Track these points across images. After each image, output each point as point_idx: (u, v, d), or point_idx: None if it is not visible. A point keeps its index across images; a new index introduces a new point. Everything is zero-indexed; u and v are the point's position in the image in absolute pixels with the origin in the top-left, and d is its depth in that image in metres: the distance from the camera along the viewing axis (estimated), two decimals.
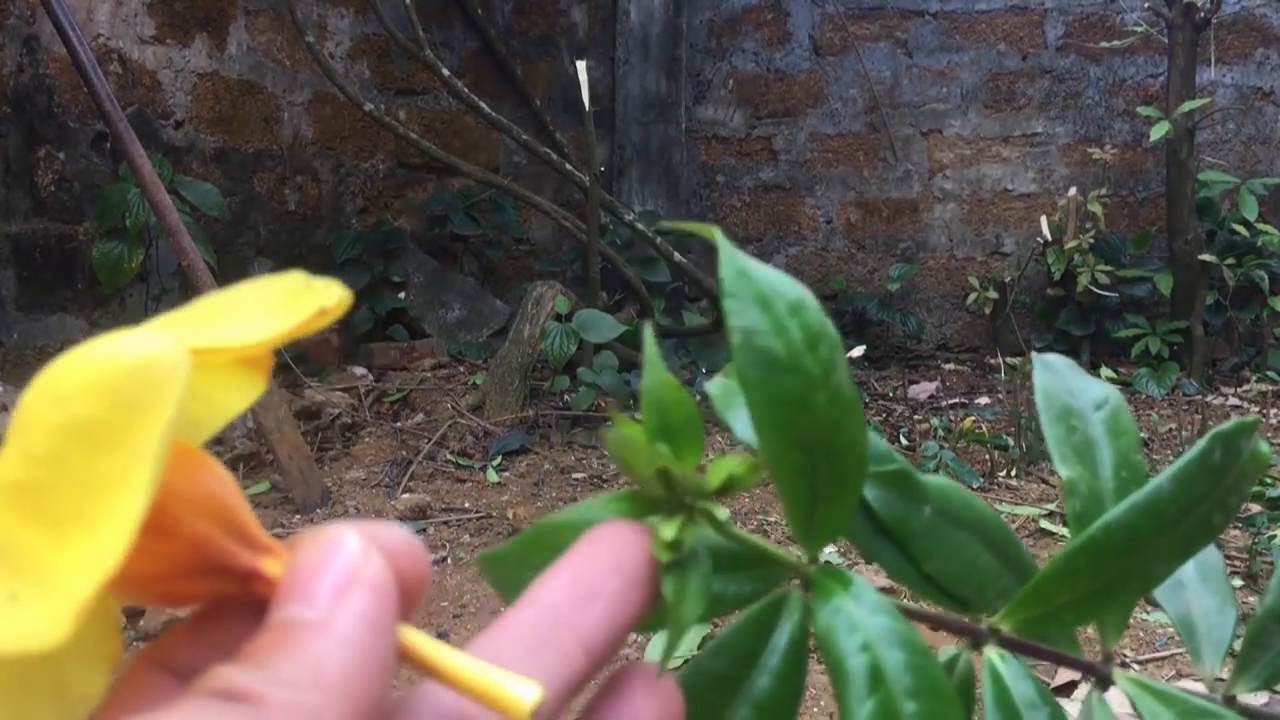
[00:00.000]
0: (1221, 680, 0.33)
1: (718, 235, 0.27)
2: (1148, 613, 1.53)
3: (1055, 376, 0.35)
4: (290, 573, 0.19)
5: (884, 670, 0.25)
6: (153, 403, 0.17)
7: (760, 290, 0.26)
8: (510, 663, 0.21)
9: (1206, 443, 0.28)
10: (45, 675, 0.19)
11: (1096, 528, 0.28)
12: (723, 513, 0.25)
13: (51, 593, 0.17)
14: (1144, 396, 2.91)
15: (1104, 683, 0.31)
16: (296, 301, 0.21)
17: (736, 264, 0.26)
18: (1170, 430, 2.55)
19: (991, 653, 0.29)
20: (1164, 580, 0.30)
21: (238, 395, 0.23)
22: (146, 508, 0.17)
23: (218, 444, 2.13)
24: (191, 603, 0.20)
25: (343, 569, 0.19)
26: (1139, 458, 0.33)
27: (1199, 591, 0.36)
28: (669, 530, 0.24)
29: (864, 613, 0.26)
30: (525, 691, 0.20)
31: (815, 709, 1.29)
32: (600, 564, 0.23)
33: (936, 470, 2.06)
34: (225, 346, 0.20)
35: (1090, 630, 0.32)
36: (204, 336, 0.20)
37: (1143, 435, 2.55)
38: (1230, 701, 0.31)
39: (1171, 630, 1.48)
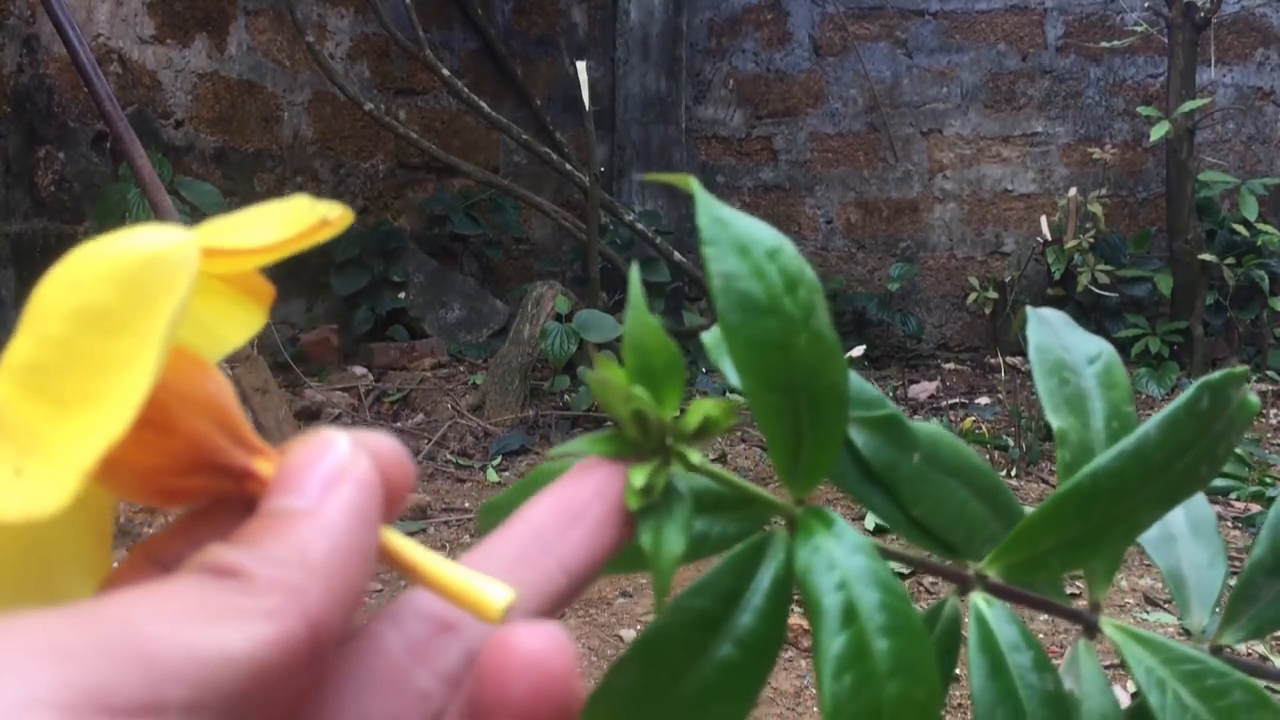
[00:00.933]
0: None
1: (694, 184, 0.27)
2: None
3: (1049, 330, 0.35)
4: (282, 469, 0.20)
5: (858, 608, 0.25)
6: (163, 291, 0.18)
7: (738, 237, 0.27)
8: (491, 573, 0.21)
9: (1195, 390, 0.29)
10: (36, 580, 0.20)
11: (1084, 473, 0.29)
12: (696, 456, 0.25)
13: (54, 463, 0.17)
14: (1144, 396, 2.91)
15: (1091, 630, 0.31)
16: (301, 215, 0.22)
17: (713, 212, 0.27)
18: None
19: (977, 597, 0.29)
20: (1149, 527, 0.30)
21: (239, 327, 0.24)
22: (149, 389, 0.18)
23: None
24: (185, 501, 0.21)
25: (332, 465, 0.20)
26: (1130, 409, 0.34)
27: (1190, 545, 0.36)
28: (639, 476, 0.24)
29: (843, 552, 0.26)
30: (498, 594, 0.20)
31: (815, 709, 1.29)
32: (584, 490, 0.24)
33: None
34: (234, 248, 0.21)
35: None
36: (215, 239, 0.21)
37: None
38: (1217, 651, 0.31)
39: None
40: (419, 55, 2.87)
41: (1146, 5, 3.12)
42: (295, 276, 3.18)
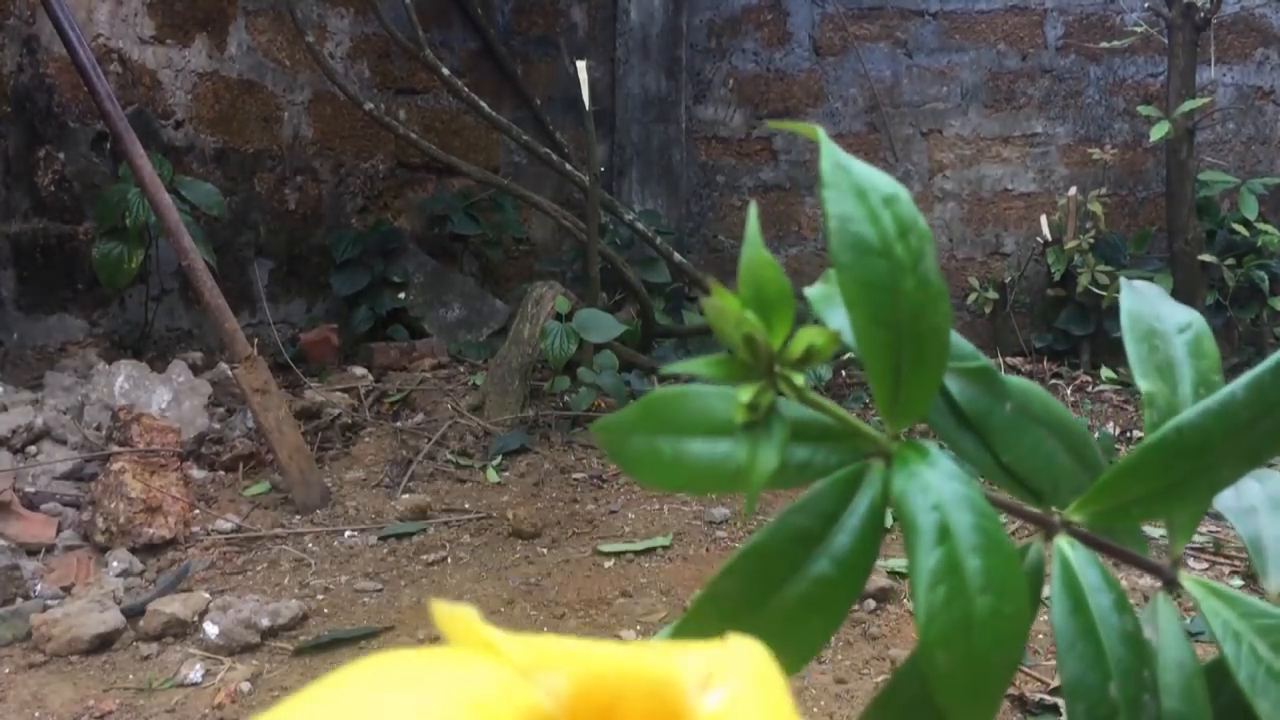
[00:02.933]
0: None
1: (820, 134, 0.29)
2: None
3: (1142, 299, 0.38)
4: None
5: (951, 527, 0.27)
6: None
7: (856, 182, 0.29)
8: None
9: None
10: None
11: (1169, 427, 0.30)
12: (800, 378, 0.27)
13: None
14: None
15: (1171, 584, 0.32)
16: None
17: (835, 158, 0.29)
18: None
19: (1061, 540, 0.31)
20: (1230, 483, 0.31)
21: None
22: None
23: (218, 444, 2.13)
24: None
25: None
26: (1218, 379, 0.35)
27: (1268, 516, 0.37)
28: (746, 393, 0.26)
29: (938, 478, 0.28)
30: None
31: (815, 709, 1.29)
32: None
33: None
34: None
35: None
36: None
37: (1142, 436, 2.55)
38: None
39: None
40: (419, 55, 2.87)
41: (1146, 5, 3.12)
42: (295, 276, 3.18)
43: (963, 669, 0.26)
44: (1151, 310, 0.37)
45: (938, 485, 0.28)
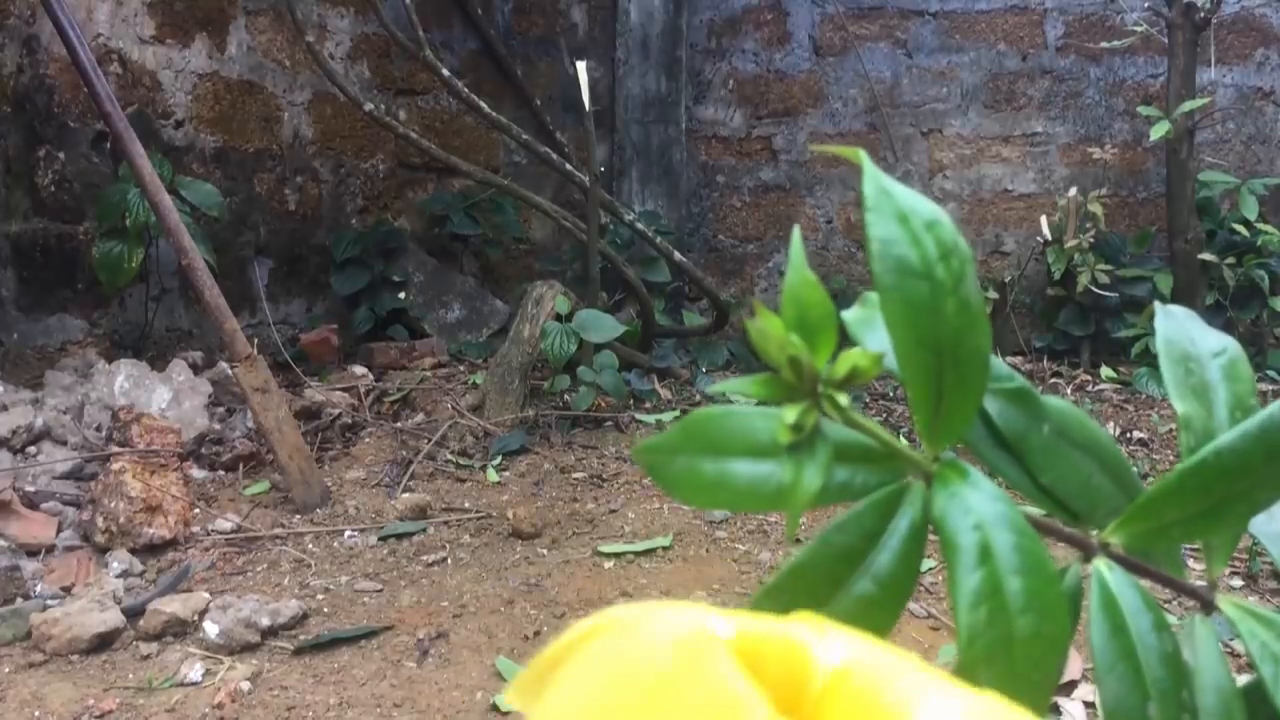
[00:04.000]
0: None
1: (863, 158, 0.30)
2: None
3: (1176, 324, 0.38)
4: None
5: (993, 548, 0.27)
6: None
7: (899, 206, 0.30)
8: None
9: None
10: None
11: (1208, 450, 0.30)
12: (844, 399, 0.28)
13: None
14: (1144, 396, 2.91)
15: (1208, 606, 0.32)
16: None
17: (879, 182, 0.30)
18: (1171, 430, 2.55)
19: (1100, 562, 0.31)
20: (1268, 506, 0.31)
21: None
22: None
23: (218, 444, 2.13)
24: None
25: None
26: (1255, 402, 0.36)
27: None
28: (791, 414, 0.27)
29: (979, 498, 0.28)
30: None
31: None
32: None
33: None
34: None
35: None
36: None
37: (1143, 435, 2.55)
38: None
39: None
40: (419, 55, 2.87)
41: (1146, 5, 3.12)
42: (295, 276, 3.18)
43: (1004, 688, 0.26)
44: (1186, 335, 0.38)
45: (979, 506, 0.28)
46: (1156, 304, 0.39)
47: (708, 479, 0.29)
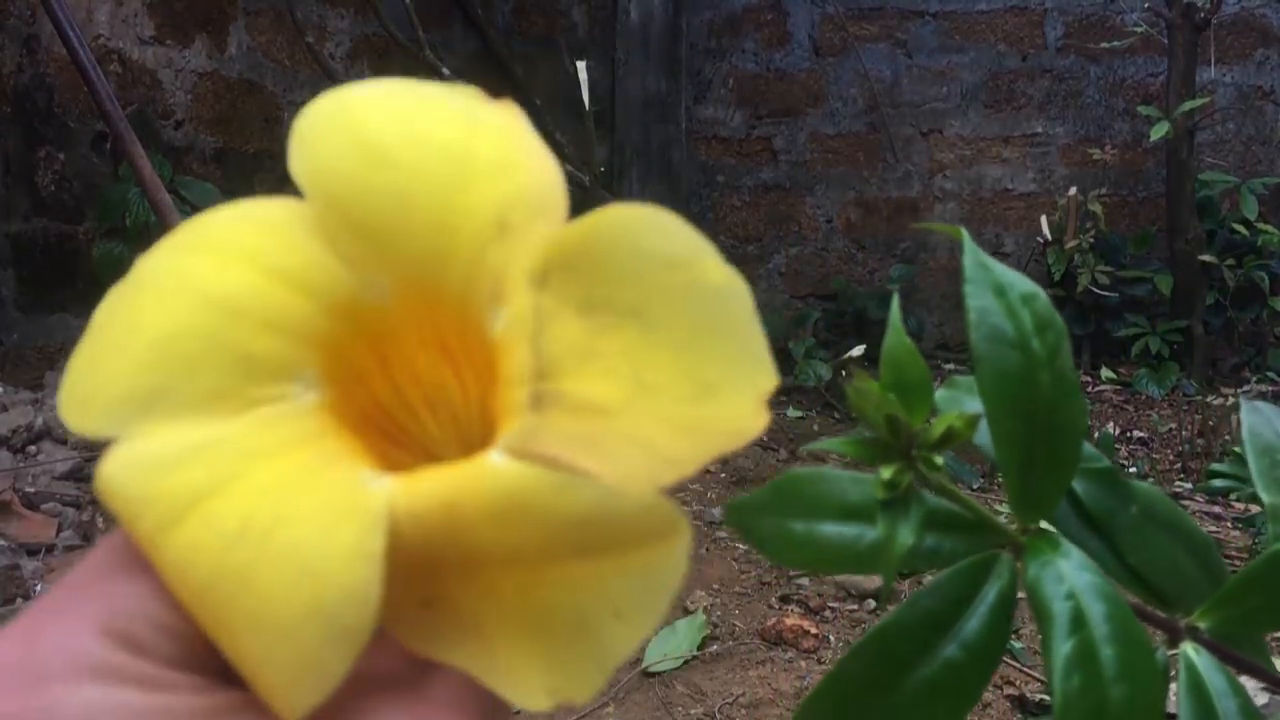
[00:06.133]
0: None
1: (964, 235, 0.31)
2: None
3: (1262, 418, 0.39)
4: None
5: (1086, 616, 0.28)
6: None
7: (996, 279, 0.31)
8: None
9: None
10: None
11: None
12: (939, 459, 0.28)
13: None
14: (1144, 396, 2.91)
15: None
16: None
17: (977, 257, 0.31)
18: (1170, 430, 2.55)
19: (1187, 646, 0.32)
20: None
21: None
22: None
23: None
24: None
25: None
26: None
27: None
28: (887, 471, 0.28)
29: (1071, 568, 0.29)
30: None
31: None
32: None
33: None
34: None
35: None
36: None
37: (1142, 435, 2.55)
38: None
39: None
40: (419, 56, 2.87)
41: (1146, 5, 3.12)
42: None
43: None
44: (1271, 427, 0.38)
45: (1071, 575, 0.29)
46: (1243, 400, 0.40)
47: (796, 538, 0.31)
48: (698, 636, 1.44)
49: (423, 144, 0.23)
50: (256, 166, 3.06)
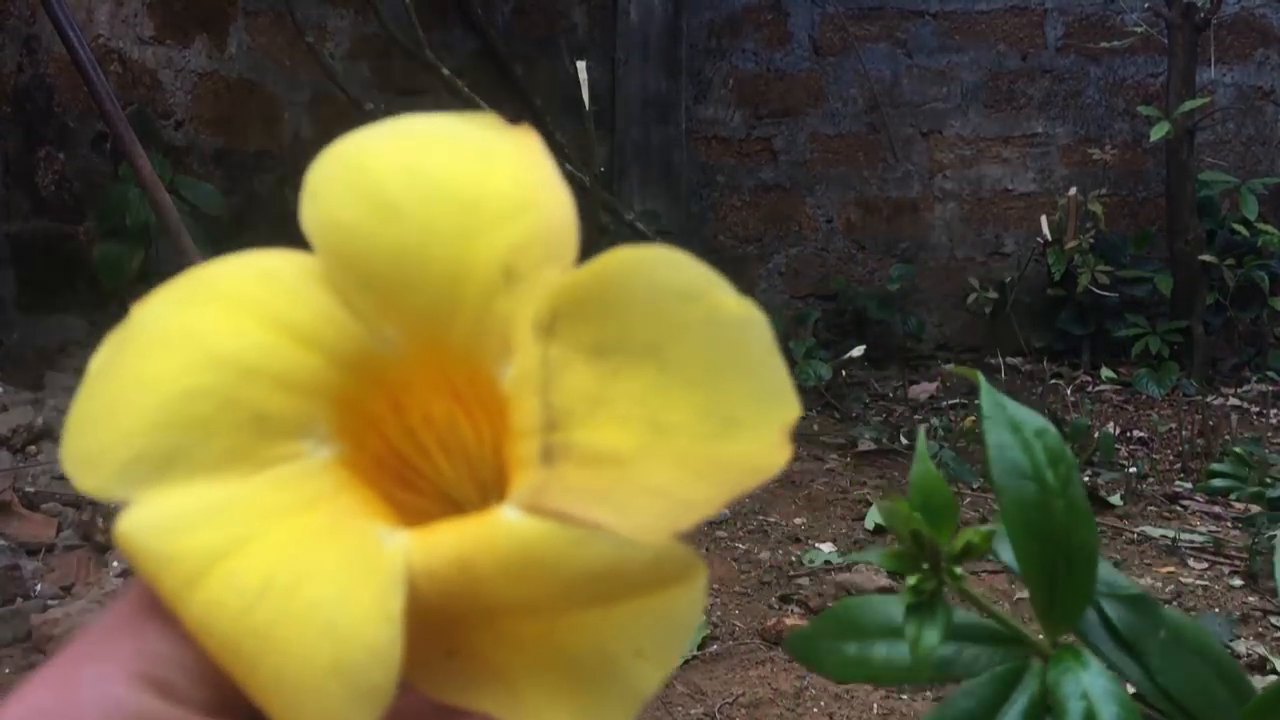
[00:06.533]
0: None
1: (980, 378, 0.35)
2: None
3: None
4: None
5: (1096, 714, 0.31)
6: None
7: (1011, 417, 0.34)
8: None
9: None
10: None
11: None
12: (959, 570, 0.32)
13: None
14: (1144, 396, 2.91)
15: None
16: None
17: (994, 397, 0.34)
18: (1170, 430, 2.55)
19: None
20: None
21: None
22: None
23: None
24: None
25: None
26: None
27: None
28: (913, 578, 0.31)
29: (1088, 675, 0.32)
30: None
31: (815, 709, 1.29)
32: None
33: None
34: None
35: None
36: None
37: (1142, 435, 2.55)
38: None
39: None
40: (419, 55, 2.87)
41: (1146, 5, 3.12)
42: None
43: None
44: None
45: (1087, 680, 0.32)
46: (1278, 542, 0.43)
47: (850, 657, 0.35)
48: (698, 636, 1.44)
49: (430, 193, 0.23)
50: (256, 166, 3.06)
